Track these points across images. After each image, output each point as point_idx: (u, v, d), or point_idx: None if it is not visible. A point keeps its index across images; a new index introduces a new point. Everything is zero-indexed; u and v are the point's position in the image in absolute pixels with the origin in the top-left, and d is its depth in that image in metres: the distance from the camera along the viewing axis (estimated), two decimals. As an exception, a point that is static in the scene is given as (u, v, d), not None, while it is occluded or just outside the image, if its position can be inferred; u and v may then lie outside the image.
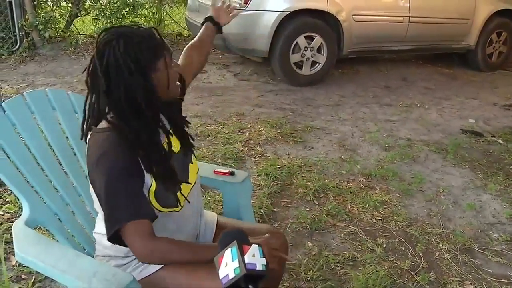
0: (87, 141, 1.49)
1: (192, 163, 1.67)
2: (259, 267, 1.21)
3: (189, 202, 1.58)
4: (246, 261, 1.20)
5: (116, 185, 1.38)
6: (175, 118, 1.64)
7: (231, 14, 2.20)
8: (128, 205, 1.39)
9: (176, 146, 1.60)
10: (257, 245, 1.25)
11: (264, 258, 1.23)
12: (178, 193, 1.54)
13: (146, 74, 1.41)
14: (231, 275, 1.19)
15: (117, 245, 1.45)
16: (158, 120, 1.50)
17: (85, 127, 1.51)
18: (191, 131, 3.87)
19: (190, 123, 1.74)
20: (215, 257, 1.25)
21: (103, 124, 1.46)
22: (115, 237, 1.40)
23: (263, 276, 1.21)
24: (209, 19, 2.12)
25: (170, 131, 1.57)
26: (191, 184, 1.63)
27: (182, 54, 1.96)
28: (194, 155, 1.70)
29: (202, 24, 2.12)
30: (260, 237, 1.42)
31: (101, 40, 1.42)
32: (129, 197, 1.40)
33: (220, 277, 1.20)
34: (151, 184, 1.46)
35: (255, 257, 1.22)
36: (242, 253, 1.21)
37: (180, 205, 1.55)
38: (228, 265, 1.20)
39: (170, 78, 1.49)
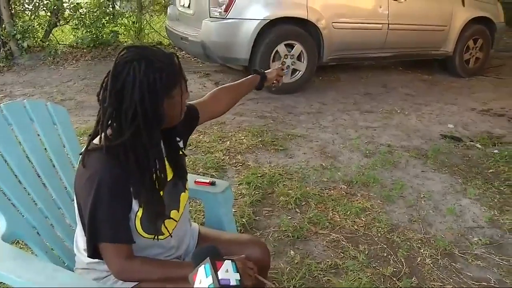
0: (81, 157, 1.46)
1: (184, 192, 1.66)
2: (232, 282, 1.23)
3: (171, 236, 1.57)
4: (220, 276, 1.22)
5: (101, 207, 1.37)
6: (172, 146, 1.62)
7: (280, 77, 2.24)
8: (110, 228, 1.39)
9: (169, 174, 1.57)
10: (230, 261, 1.27)
11: (238, 273, 1.25)
12: (163, 225, 1.53)
13: (158, 101, 1.38)
14: None
15: (96, 264, 1.48)
16: (156, 147, 1.46)
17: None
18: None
19: (186, 155, 1.73)
20: (189, 275, 1.27)
21: (98, 141, 1.42)
22: (94, 253, 1.42)
23: None
24: (260, 73, 2.14)
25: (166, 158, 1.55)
26: (179, 213, 1.62)
27: (213, 91, 1.96)
28: (186, 186, 1.68)
29: (252, 72, 2.16)
30: (235, 256, 1.40)
31: (122, 58, 1.38)
32: (112, 220, 1.40)
33: None
34: (138, 210, 1.45)
35: (228, 273, 1.24)
36: (215, 269, 1.23)
37: (163, 234, 1.54)
38: (202, 282, 1.22)
39: (183, 106, 1.48)
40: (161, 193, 1.51)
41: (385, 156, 4.05)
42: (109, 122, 1.40)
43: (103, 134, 1.40)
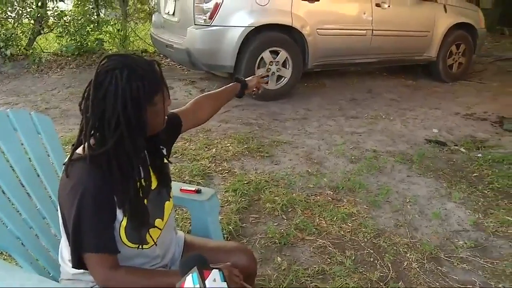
0: (64, 167, 1.45)
1: (168, 200, 1.65)
2: None
3: (156, 245, 1.56)
4: (207, 286, 1.22)
5: (85, 216, 1.37)
6: (156, 154, 1.61)
7: (260, 84, 2.26)
8: (94, 237, 1.39)
9: (153, 182, 1.57)
10: (217, 270, 1.27)
11: (225, 282, 1.26)
12: (147, 234, 1.52)
13: (141, 109, 1.38)
14: None
15: (81, 275, 1.48)
16: (139, 154, 1.46)
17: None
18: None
19: (171, 162, 1.73)
20: (177, 284, 1.27)
21: (81, 150, 1.42)
22: (79, 263, 1.41)
23: None
24: (241, 81, 2.15)
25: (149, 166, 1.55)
26: (163, 220, 1.61)
27: (195, 99, 1.97)
28: (170, 194, 1.67)
29: (233, 80, 2.15)
30: (221, 264, 1.40)
31: (104, 67, 1.38)
32: (96, 230, 1.39)
33: None
34: (122, 219, 1.44)
35: (216, 282, 1.24)
36: (203, 279, 1.23)
37: (147, 243, 1.54)
38: None
39: (166, 113, 1.49)
40: (145, 201, 1.50)
41: (370, 161, 4.07)
42: (92, 131, 1.40)
43: (86, 143, 1.40)
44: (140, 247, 1.51)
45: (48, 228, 1.87)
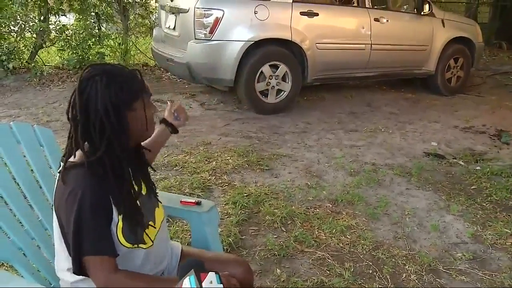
0: (58, 175, 1.50)
1: (158, 207, 1.72)
2: None
3: (152, 242, 1.61)
4: (204, 286, 1.24)
5: (84, 220, 1.41)
6: (140, 161, 1.69)
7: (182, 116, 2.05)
8: (93, 240, 1.43)
9: (143, 187, 1.66)
10: (214, 273, 1.30)
11: (221, 284, 1.29)
12: (144, 233, 1.57)
13: (120, 113, 1.46)
14: None
15: (80, 283, 1.51)
16: (127, 157, 1.53)
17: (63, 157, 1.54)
18: (158, 161, 3.88)
19: (155, 170, 1.80)
20: (175, 287, 1.29)
21: (75, 158, 1.49)
22: (80, 270, 1.44)
23: None
24: (163, 121, 2.04)
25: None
26: (155, 228, 1.66)
27: None
28: (159, 200, 1.74)
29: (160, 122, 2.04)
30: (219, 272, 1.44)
31: (85, 74, 1.47)
32: (95, 234, 1.43)
33: None
34: (118, 221, 1.49)
35: (212, 284, 1.28)
36: (200, 281, 1.26)
37: (145, 243, 1.57)
38: None
39: (148, 119, 1.55)
40: (137, 203, 1.57)
41: (369, 174, 4.09)
42: (82, 139, 1.46)
43: (79, 150, 1.47)
44: (137, 246, 1.54)
45: (50, 239, 1.89)
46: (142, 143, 1.69)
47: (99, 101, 1.43)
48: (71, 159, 1.50)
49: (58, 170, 1.52)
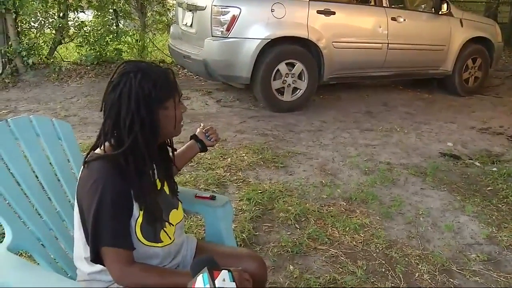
0: (83, 166, 1.54)
1: (177, 209, 1.73)
2: None
3: (170, 240, 1.64)
4: (217, 285, 1.27)
5: (104, 211, 1.44)
6: (165, 160, 1.73)
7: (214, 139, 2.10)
8: (112, 232, 1.46)
9: (166, 187, 1.69)
10: (226, 271, 1.32)
11: (234, 282, 1.31)
12: (162, 231, 1.60)
13: (152, 110, 1.49)
14: None
15: (97, 274, 1.55)
16: (153, 155, 1.56)
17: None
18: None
19: (179, 169, 1.87)
20: (188, 283, 1.32)
21: (103, 149, 1.52)
22: (96, 258, 1.48)
23: None
24: (194, 137, 2.09)
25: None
26: (172, 226, 1.68)
27: None
28: (180, 201, 1.77)
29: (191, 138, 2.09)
30: (232, 267, 1.45)
31: (121, 70, 1.50)
32: (113, 225, 1.46)
33: None
34: (138, 216, 1.51)
35: (225, 282, 1.29)
36: (213, 278, 1.28)
37: (162, 241, 1.60)
38: None
39: (177, 117, 1.58)
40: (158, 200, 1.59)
41: (384, 173, 4.09)
42: (110, 132, 1.50)
43: (106, 143, 1.50)
44: (155, 244, 1.57)
45: (67, 231, 1.93)
46: (172, 142, 1.74)
47: (132, 99, 1.46)
48: (99, 150, 1.53)
49: (84, 160, 1.54)
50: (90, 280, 1.61)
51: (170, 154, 1.78)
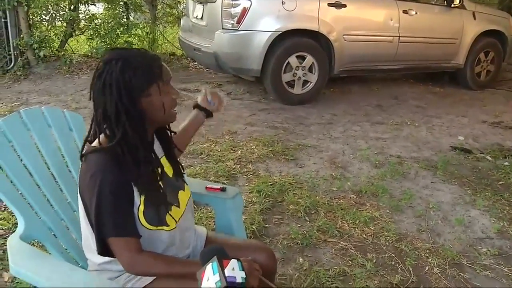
0: (82, 160, 1.54)
1: (183, 190, 1.73)
2: (238, 280, 1.29)
3: (176, 224, 1.62)
4: (226, 274, 1.27)
5: (105, 203, 1.44)
6: (167, 143, 1.72)
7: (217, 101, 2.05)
8: (115, 222, 1.46)
9: (168, 170, 1.68)
10: (236, 260, 1.32)
11: (243, 271, 1.31)
12: (168, 214, 1.59)
13: (134, 98, 1.47)
14: None
15: (108, 264, 1.56)
16: (145, 143, 1.54)
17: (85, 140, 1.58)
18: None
19: (182, 151, 1.85)
20: (197, 272, 1.33)
21: (97, 143, 1.52)
22: (103, 251, 1.48)
23: None
24: (197, 106, 2.02)
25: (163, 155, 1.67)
26: (180, 209, 1.67)
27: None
28: (186, 182, 1.76)
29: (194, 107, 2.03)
30: (241, 258, 1.44)
31: (104, 59, 1.49)
32: (116, 216, 1.46)
33: None
34: (140, 204, 1.51)
35: (234, 271, 1.30)
36: (222, 267, 1.29)
37: (168, 225, 1.59)
38: (210, 279, 1.28)
39: (165, 103, 1.54)
40: (161, 184, 1.59)
41: (394, 167, 4.07)
42: (102, 122, 1.50)
43: (101, 135, 1.50)
44: (160, 227, 1.57)
45: (78, 221, 1.93)
46: (169, 126, 1.72)
47: (114, 86, 1.44)
48: (95, 142, 1.53)
49: (81, 153, 1.55)
50: (100, 270, 1.62)
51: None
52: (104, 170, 1.45)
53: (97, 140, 1.52)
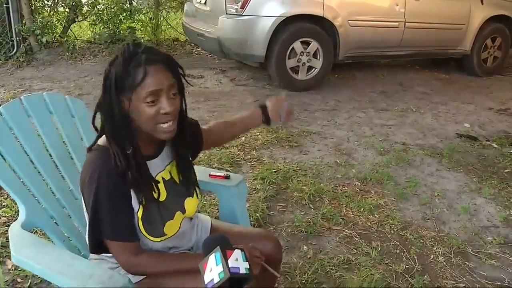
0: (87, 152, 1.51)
1: (192, 196, 1.65)
2: (242, 271, 1.26)
3: (178, 229, 1.59)
4: (230, 265, 1.25)
5: (101, 205, 1.41)
6: (180, 153, 1.63)
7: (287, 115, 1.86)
8: (111, 226, 1.43)
9: (176, 176, 1.62)
10: (239, 250, 1.29)
11: (247, 262, 1.28)
12: (166, 225, 1.54)
13: (118, 96, 1.40)
14: (216, 279, 1.24)
15: (108, 255, 1.54)
16: (130, 144, 1.44)
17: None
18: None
19: (194, 159, 1.76)
20: (199, 264, 1.30)
21: (100, 141, 1.49)
22: (95, 249, 1.49)
23: (246, 279, 1.26)
24: (262, 107, 1.86)
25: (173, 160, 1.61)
26: (183, 214, 1.62)
27: (217, 123, 1.89)
28: (197, 191, 1.67)
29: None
30: (241, 245, 1.39)
31: (120, 50, 1.44)
32: (112, 219, 1.43)
33: (205, 282, 1.25)
34: (139, 209, 1.48)
35: (238, 261, 1.27)
36: (225, 258, 1.26)
37: (166, 235, 1.55)
38: (213, 270, 1.25)
39: (148, 114, 1.39)
40: (164, 192, 1.55)
41: (399, 154, 4.04)
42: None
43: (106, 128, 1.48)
44: (160, 238, 1.53)
45: (80, 209, 1.90)
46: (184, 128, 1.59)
47: (107, 86, 1.42)
48: (102, 138, 1.49)
49: (88, 147, 1.51)
50: (102, 259, 1.60)
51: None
52: (102, 169, 1.42)
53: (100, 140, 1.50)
